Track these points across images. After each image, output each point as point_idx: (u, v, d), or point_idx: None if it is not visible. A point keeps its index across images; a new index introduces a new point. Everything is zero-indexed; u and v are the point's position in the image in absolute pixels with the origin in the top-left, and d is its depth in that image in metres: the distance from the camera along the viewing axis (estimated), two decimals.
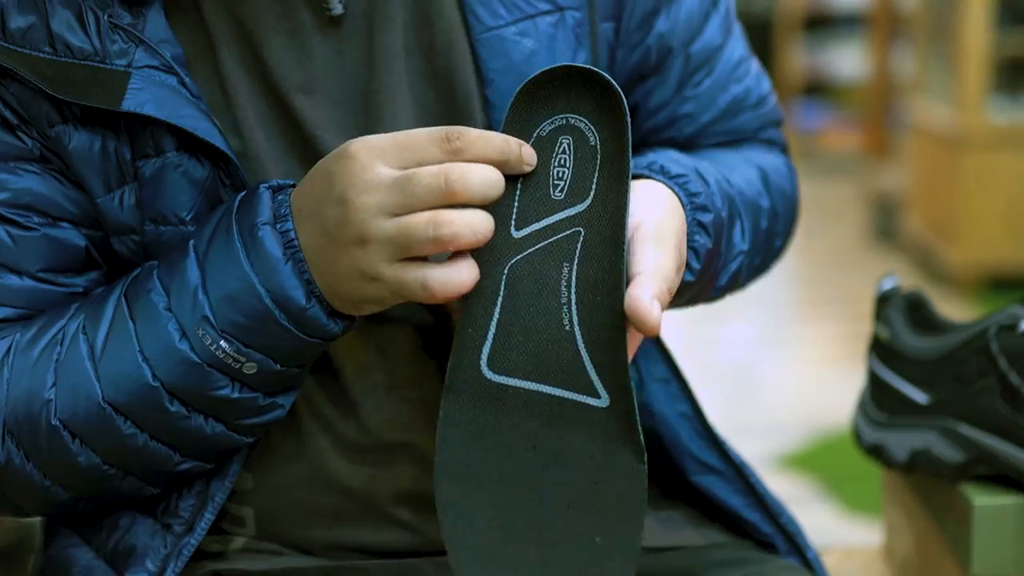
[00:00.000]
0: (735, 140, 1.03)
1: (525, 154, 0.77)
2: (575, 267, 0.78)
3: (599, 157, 0.78)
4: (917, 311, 1.13)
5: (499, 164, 0.76)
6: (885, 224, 5.43)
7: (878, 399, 1.13)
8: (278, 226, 0.79)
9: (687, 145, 1.01)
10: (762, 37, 8.34)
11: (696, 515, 1.01)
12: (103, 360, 0.82)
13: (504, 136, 0.77)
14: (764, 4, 8.06)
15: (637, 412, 0.76)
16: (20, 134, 0.85)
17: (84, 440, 0.83)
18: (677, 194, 0.86)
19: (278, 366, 0.82)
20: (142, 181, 0.85)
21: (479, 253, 0.77)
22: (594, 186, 0.78)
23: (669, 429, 0.98)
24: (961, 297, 4.44)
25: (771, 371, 3.93)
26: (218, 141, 0.83)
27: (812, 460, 3.14)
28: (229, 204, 0.82)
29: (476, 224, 0.75)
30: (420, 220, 0.74)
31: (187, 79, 0.84)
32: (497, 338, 0.78)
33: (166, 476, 0.86)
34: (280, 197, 0.80)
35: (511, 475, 0.77)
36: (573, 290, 0.77)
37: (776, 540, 1.00)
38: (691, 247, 0.86)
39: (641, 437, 0.76)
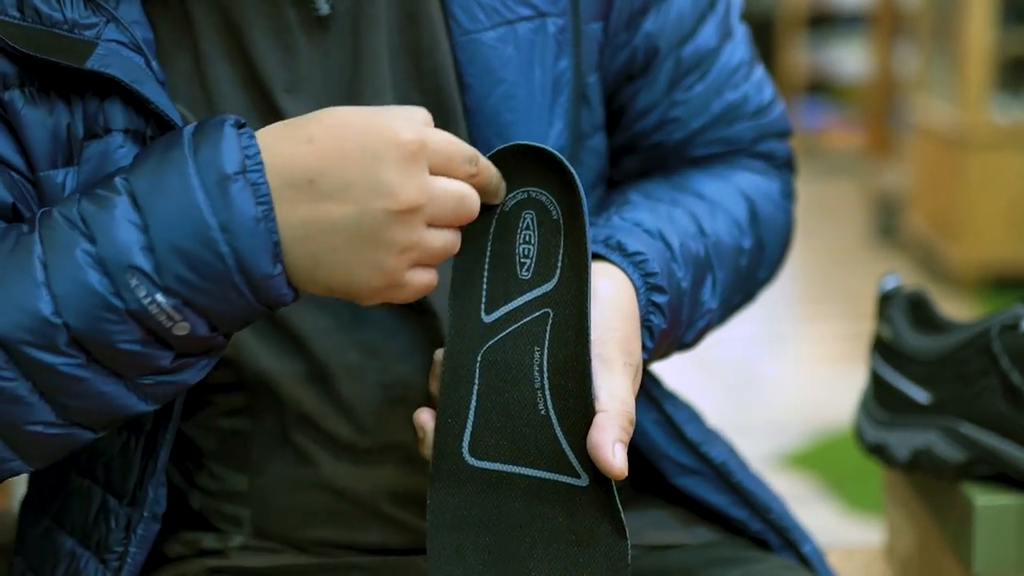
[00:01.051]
0: (729, 151, 1.01)
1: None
2: (545, 351, 0.78)
3: (563, 232, 0.78)
4: (919, 310, 1.13)
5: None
6: (887, 223, 5.43)
7: (880, 398, 1.13)
8: (249, 176, 0.72)
9: (676, 151, 0.99)
10: (764, 35, 8.34)
11: (685, 514, 1.00)
12: None
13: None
14: (767, 2, 8.06)
15: (616, 490, 0.77)
16: None
17: None
18: (631, 276, 0.85)
19: (210, 331, 0.74)
20: (83, 162, 0.81)
21: (453, 340, 0.78)
22: (559, 264, 0.78)
23: (643, 436, 0.98)
24: (963, 296, 4.44)
25: (772, 370, 3.93)
26: (176, 118, 0.80)
27: (813, 459, 3.14)
28: (173, 139, 0.74)
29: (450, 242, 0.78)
30: (449, 237, 0.76)
31: (154, 63, 0.82)
32: (476, 425, 0.79)
33: (28, 439, 0.75)
34: (246, 139, 0.73)
35: (500, 555, 0.78)
36: (546, 375, 0.78)
37: (767, 536, 1.00)
38: (645, 326, 0.85)
39: (622, 514, 0.77)
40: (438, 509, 0.79)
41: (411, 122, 0.75)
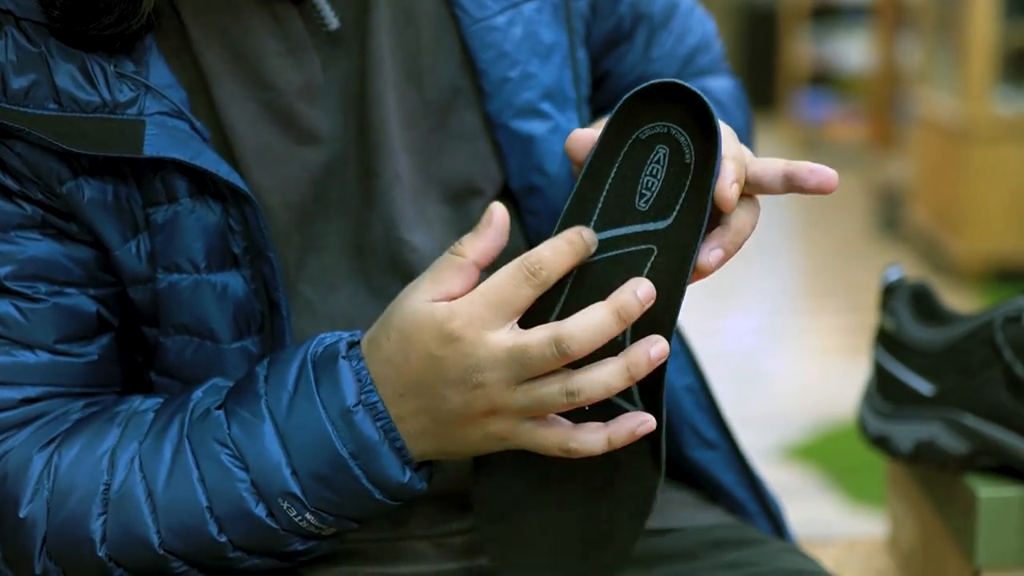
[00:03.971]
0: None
1: (587, 239, 0.78)
2: None
3: (690, 177, 0.78)
4: (922, 302, 1.13)
5: (578, 263, 0.78)
6: (890, 215, 5.43)
7: (883, 390, 1.13)
8: (364, 398, 0.79)
9: None
10: (768, 27, 8.33)
11: (700, 496, 1.03)
12: (163, 508, 0.80)
13: (566, 237, 0.77)
14: None
15: (664, 432, 0.79)
16: (19, 200, 0.82)
17: (130, 569, 0.82)
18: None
19: (357, 525, 0.83)
20: (154, 229, 0.84)
21: None
22: (679, 207, 0.78)
23: (673, 401, 1.00)
24: (966, 288, 4.44)
25: (775, 362, 3.93)
26: (239, 182, 0.82)
27: (816, 451, 3.14)
28: (301, 366, 0.80)
29: (609, 382, 0.76)
30: (552, 390, 0.76)
31: (197, 124, 0.83)
32: None
33: None
34: (357, 364, 0.79)
35: (542, 464, 0.82)
36: None
37: (758, 520, 1.03)
38: None
39: (664, 454, 0.79)
40: None
41: (454, 310, 0.76)
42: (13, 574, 0.83)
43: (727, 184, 0.76)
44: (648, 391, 0.79)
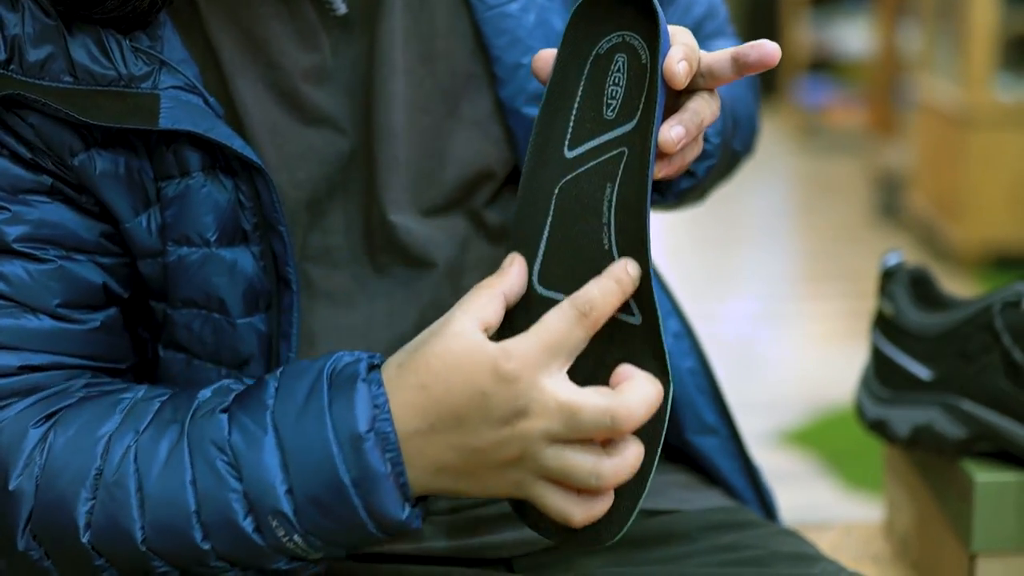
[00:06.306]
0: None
1: (632, 273, 0.77)
2: (616, 188, 0.79)
3: (647, 76, 0.79)
4: (921, 287, 1.13)
5: (626, 299, 0.77)
6: (889, 201, 5.42)
7: (881, 375, 1.13)
8: (377, 426, 0.76)
9: None
10: (768, 12, 8.31)
11: (698, 478, 1.03)
12: (151, 504, 0.78)
13: (613, 275, 0.76)
14: None
15: (662, 330, 0.78)
16: (30, 167, 0.82)
17: (111, 561, 0.80)
18: None
19: (344, 553, 0.80)
20: (165, 202, 0.84)
21: (533, 171, 0.80)
22: (641, 105, 0.79)
23: (677, 382, 1.01)
24: (965, 275, 4.44)
25: (773, 347, 3.93)
26: (252, 155, 0.82)
27: (813, 436, 3.15)
28: (315, 382, 0.78)
29: (634, 468, 0.75)
30: (583, 466, 0.74)
31: (211, 99, 0.83)
32: (546, 255, 0.80)
33: None
34: (376, 389, 0.77)
35: None
36: (613, 211, 0.79)
37: (753, 508, 1.04)
38: None
39: (667, 355, 0.78)
40: (506, 332, 0.79)
41: (509, 350, 0.74)
42: None
43: (675, 61, 0.77)
44: (641, 294, 0.78)
